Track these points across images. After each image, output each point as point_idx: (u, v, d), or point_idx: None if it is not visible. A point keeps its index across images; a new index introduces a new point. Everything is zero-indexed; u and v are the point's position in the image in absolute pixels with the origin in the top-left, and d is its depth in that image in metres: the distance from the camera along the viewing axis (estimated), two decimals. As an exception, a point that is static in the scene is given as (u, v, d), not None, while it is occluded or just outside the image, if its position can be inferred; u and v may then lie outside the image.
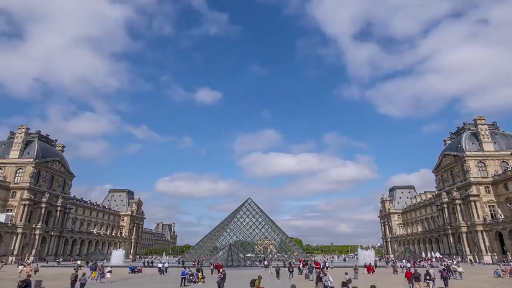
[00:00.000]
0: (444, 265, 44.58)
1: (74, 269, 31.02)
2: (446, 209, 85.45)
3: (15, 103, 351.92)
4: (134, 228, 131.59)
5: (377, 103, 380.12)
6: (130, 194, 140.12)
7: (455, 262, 52.20)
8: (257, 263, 63.39)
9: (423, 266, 56.54)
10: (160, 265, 44.70)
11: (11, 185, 79.25)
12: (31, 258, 74.85)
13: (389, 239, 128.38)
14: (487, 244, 71.04)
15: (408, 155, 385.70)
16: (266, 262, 54.68)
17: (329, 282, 22.93)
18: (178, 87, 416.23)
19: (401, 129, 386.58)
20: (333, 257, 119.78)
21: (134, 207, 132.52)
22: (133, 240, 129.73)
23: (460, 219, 78.59)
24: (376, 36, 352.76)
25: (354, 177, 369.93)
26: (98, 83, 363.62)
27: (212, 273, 41.73)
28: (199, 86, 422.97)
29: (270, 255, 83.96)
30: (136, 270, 46.10)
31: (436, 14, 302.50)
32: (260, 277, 21.05)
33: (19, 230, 74.63)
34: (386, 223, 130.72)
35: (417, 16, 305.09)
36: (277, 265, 45.05)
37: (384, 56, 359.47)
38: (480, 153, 79.46)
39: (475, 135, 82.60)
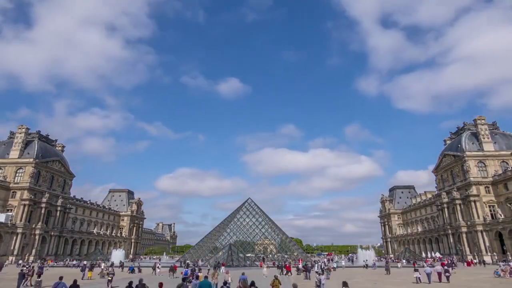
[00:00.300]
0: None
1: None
2: (446, 209, 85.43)
3: (22, 97, 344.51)
4: (134, 228, 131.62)
5: (397, 97, 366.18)
6: (130, 194, 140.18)
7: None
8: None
9: (423, 266, 56.73)
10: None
11: (11, 185, 79.25)
12: (31, 258, 74.86)
13: (389, 239, 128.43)
14: (487, 244, 71.03)
15: (425, 152, 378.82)
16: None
17: (319, 281, 22.89)
18: (201, 78, 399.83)
19: (422, 125, 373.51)
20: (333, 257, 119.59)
21: (134, 207, 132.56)
22: (133, 240, 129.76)
23: (460, 219, 78.58)
24: (402, 23, 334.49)
25: (366, 173, 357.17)
26: (113, 74, 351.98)
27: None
28: (224, 76, 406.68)
29: (270, 255, 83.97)
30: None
31: (467, 0, 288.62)
32: (276, 277, 20.81)
33: (19, 230, 74.63)
34: (386, 223, 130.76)
35: (447, 2, 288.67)
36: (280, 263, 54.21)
37: (408, 45, 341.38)
38: (480, 153, 79.44)
39: (475, 135, 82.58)
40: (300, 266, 47.13)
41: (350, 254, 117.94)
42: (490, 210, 74.66)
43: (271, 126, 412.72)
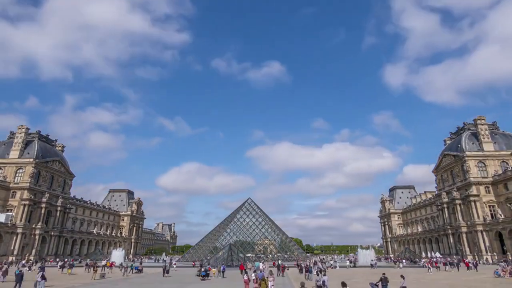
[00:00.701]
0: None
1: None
2: (446, 209, 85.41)
3: (35, 85, 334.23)
4: (134, 228, 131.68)
5: (426, 89, 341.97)
6: (130, 194, 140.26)
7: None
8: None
9: (423, 266, 57.17)
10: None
11: (11, 185, 79.23)
12: (31, 258, 74.86)
13: (389, 239, 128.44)
14: (487, 244, 71.01)
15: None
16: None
17: (321, 281, 22.98)
18: (234, 63, 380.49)
19: (451, 118, 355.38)
20: (333, 257, 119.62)
21: (134, 207, 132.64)
22: (133, 240, 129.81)
23: (460, 219, 78.56)
24: (437, 4, 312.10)
25: (385, 168, 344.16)
26: (138, 60, 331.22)
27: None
28: (263, 60, 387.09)
29: (270, 255, 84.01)
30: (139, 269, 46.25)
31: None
32: (262, 277, 21.13)
33: (19, 230, 74.61)
34: (386, 223, 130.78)
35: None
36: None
37: (441, 31, 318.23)
38: (480, 153, 79.42)
39: (475, 135, 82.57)
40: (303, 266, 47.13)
41: (350, 254, 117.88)
42: (490, 210, 74.62)
43: (299, 120, 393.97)
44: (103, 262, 57.08)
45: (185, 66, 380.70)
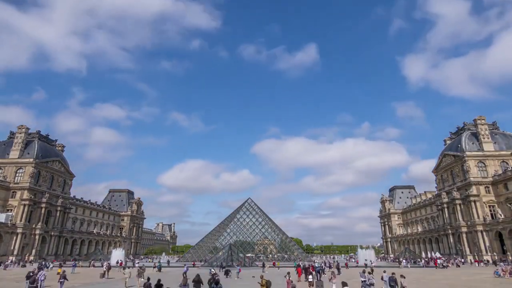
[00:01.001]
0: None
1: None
2: (446, 209, 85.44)
3: (46, 76, 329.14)
4: (134, 228, 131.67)
5: (452, 82, 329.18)
6: (130, 194, 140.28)
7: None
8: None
9: (423, 266, 57.43)
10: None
11: (11, 185, 79.21)
12: (31, 258, 74.86)
13: (389, 239, 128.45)
14: (487, 244, 71.03)
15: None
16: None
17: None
18: (263, 49, 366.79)
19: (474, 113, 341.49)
20: (333, 257, 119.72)
21: (134, 207, 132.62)
22: (133, 240, 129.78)
23: (460, 219, 78.59)
24: None
25: (398, 165, 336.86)
26: (161, 48, 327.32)
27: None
28: (299, 43, 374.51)
29: (270, 255, 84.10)
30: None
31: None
32: (262, 277, 21.18)
33: (19, 230, 74.61)
34: (386, 223, 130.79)
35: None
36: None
37: (470, 20, 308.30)
38: (480, 153, 79.45)
39: (475, 135, 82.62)
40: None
41: (350, 254, 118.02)
42: (490, 210, 74.63)
43: (320, 113, 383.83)
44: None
45: (210, 55, 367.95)
